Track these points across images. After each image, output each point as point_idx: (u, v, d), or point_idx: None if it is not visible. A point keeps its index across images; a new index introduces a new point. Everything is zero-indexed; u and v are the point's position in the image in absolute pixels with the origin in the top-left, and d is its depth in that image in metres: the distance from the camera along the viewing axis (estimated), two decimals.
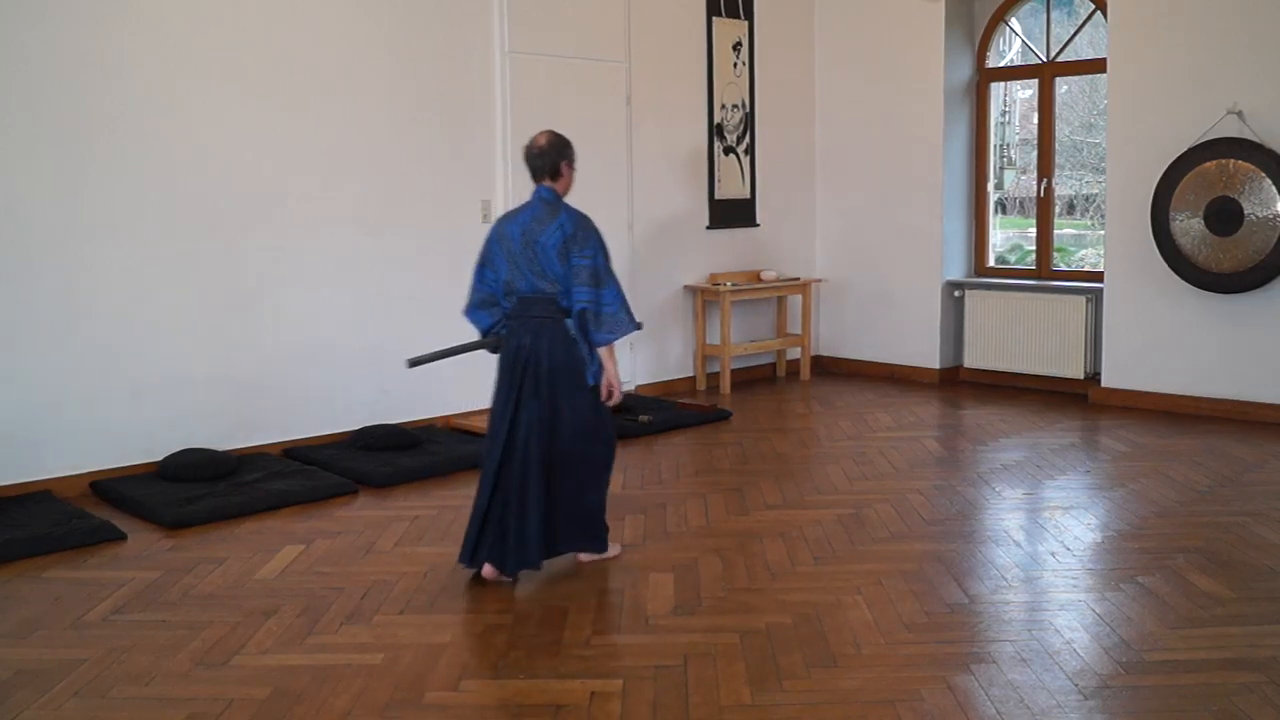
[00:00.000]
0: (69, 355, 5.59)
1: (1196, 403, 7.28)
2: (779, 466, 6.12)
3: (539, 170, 4.42)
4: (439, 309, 6.96)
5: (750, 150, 8.72)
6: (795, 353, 8.98)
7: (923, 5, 8.35)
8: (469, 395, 7.14)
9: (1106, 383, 7.67)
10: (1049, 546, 4.71)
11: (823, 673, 3.49)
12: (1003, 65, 8.74)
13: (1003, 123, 9.00)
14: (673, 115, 8.15)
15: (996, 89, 8.75)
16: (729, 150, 8.56)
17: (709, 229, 8.45)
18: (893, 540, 4.80)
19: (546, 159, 4.40)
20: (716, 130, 8.46)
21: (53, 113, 5.48)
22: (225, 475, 5.72)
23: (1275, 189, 6.80)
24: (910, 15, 8.46)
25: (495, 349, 4.53)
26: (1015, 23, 8.61)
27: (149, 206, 5.82)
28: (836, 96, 9.04)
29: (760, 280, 8.54)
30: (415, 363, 4.78)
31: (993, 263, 8.78)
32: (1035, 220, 8.48)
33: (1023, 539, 4.83)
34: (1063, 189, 8.65)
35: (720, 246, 8.53)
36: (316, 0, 6.37)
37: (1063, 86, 8.53)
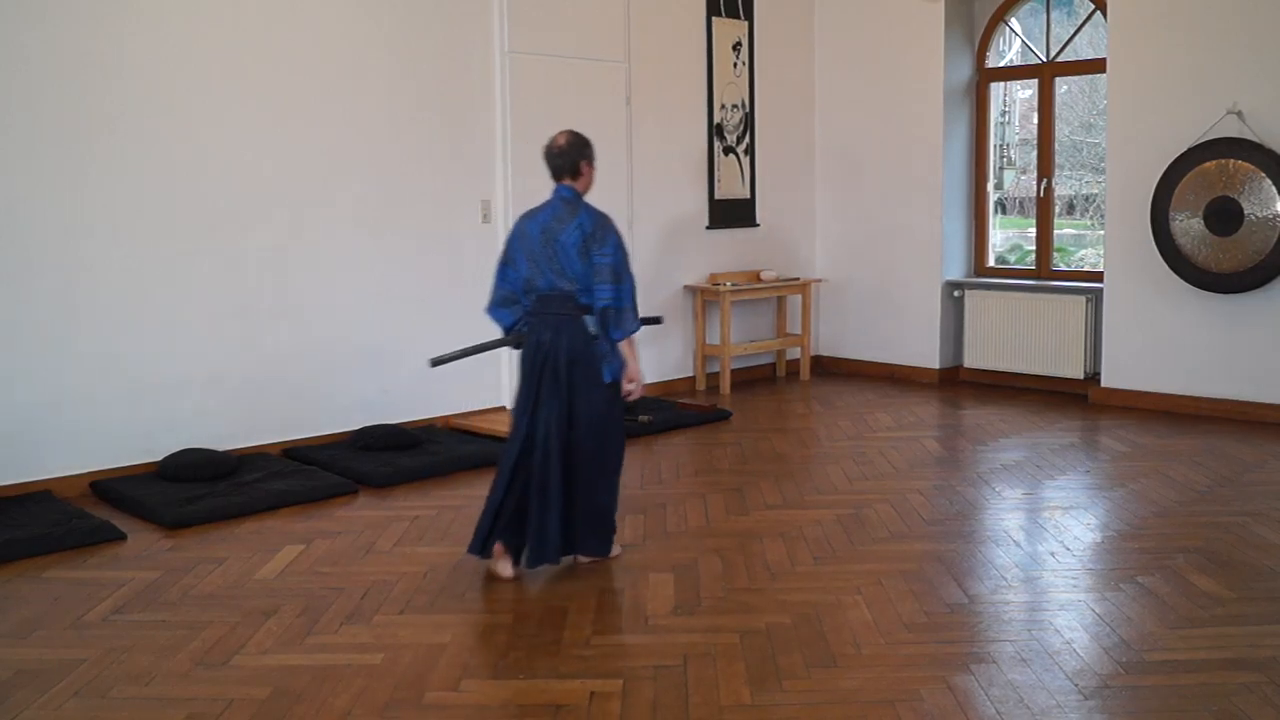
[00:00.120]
0: (69, 355, 5.60)
1: (1196, 403, 7.28)
2: (779, 466, 6.12)
3: (559, 169, 4.46)
4: (439, 309, 6.98)
5: (750, 150, 8.72)
6: (795, 353, 8.98)
7: (923, 5, 8.35)
8: (469, 395, 7.16)
9: (1106, 383, 7.67)
10: (1049, 546, 4.71)
11: (823, 673, 3.49)
12: (1003, 65, 8.74)
13: (1003, 123, 9.01)
14: (673, 115, 8.15)
15: (996, 89, 8.75)
16: (729, 150, 8.56)
17: (709, 229, 8.46)
18: (893, 540, 4.80)
19: (566, 158, 4.44)
20: (716, 130, 8.46)
21: (53, 113, 5.48)
22: (225, 475, 5.72)
23: (1275, 189, 6.80)
24: (910, 15, 8.46)
25: (517, 346, 4.59)
26: (1015, 23, 8.61)
27: (149, 206, 5.82)
28: (836, 96, 9.04)
29: (760, 280, 8.55)
30: (438, 362, 4.84)
31: (993, 263, 8.78)
32: (1035, 220, 8.48)
33: (1023, 539, 4.83)
34: (1062, 189, 8.66)
35: (720, 246, 8.53)
36: (316, 0, 6.37)
37: (1062, 86, 8.53)
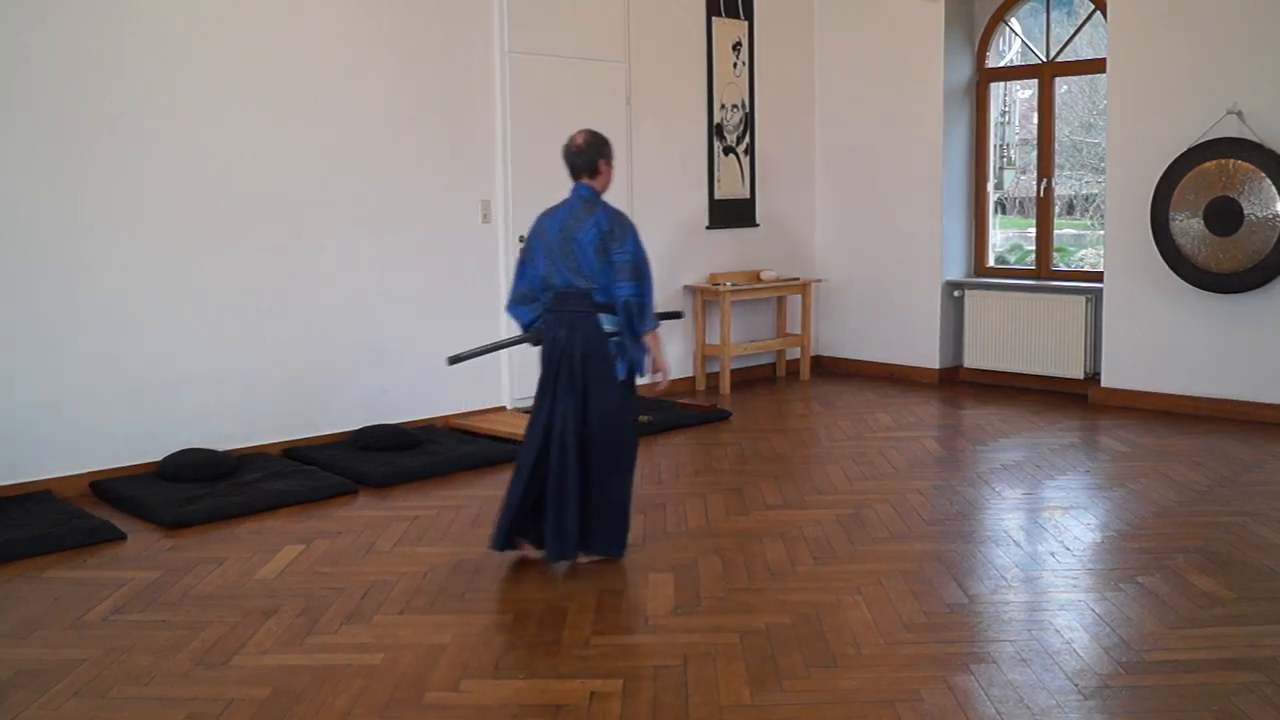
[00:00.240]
0: (69, 355, 5.59)
1: (1196, 403, 7.28)
2: (779, 466, 6.12)
3: (578, 168, 4.51)
4: (439, 309, 6.98)
5: (750, 150, 8.72)
6: (795, 353, 8.98)
7: (923, 5, 8.35)
8: (469, 395, 7.16)
9: (1106, 383, 7.67)
10: (1049, 546, 4.71)
11: (823, 673, 3.49)
12: (1002, 65, 8.74)
13: (1002, 123, 9.00)
14: (673, 115, 8.15)
15: (996, 89, 8.75)
16: (729, 150, 8.56)
17: (709, 229, 8.46)
18: (893, 540, 4.80)
19: (585, 157, 4.49)
20: (716, 130, 8.46)
21: (53, 113, 5.48)
22: (225, 475, 5.72)
23: (1275, 189, 6.80)
24: (910, 15, 8.46)
25: (537, 343, 4.64)
26: (1015, 23, 8.61)
27: (149, 206, 5.82)
28: (836, 96, 9.04)
29: (760, 280, 8.55)
30: (456, 360, 4.90)
31: (992, 263, 8.78)
32: (1035, 220, 8.48)
33: (1023, 539, 4.83)
34: (1062, 189, 8.66)
35: (720, 246, 8.53)
36: (316, 0, 6.37)
37: (1062, 86, 8.53)
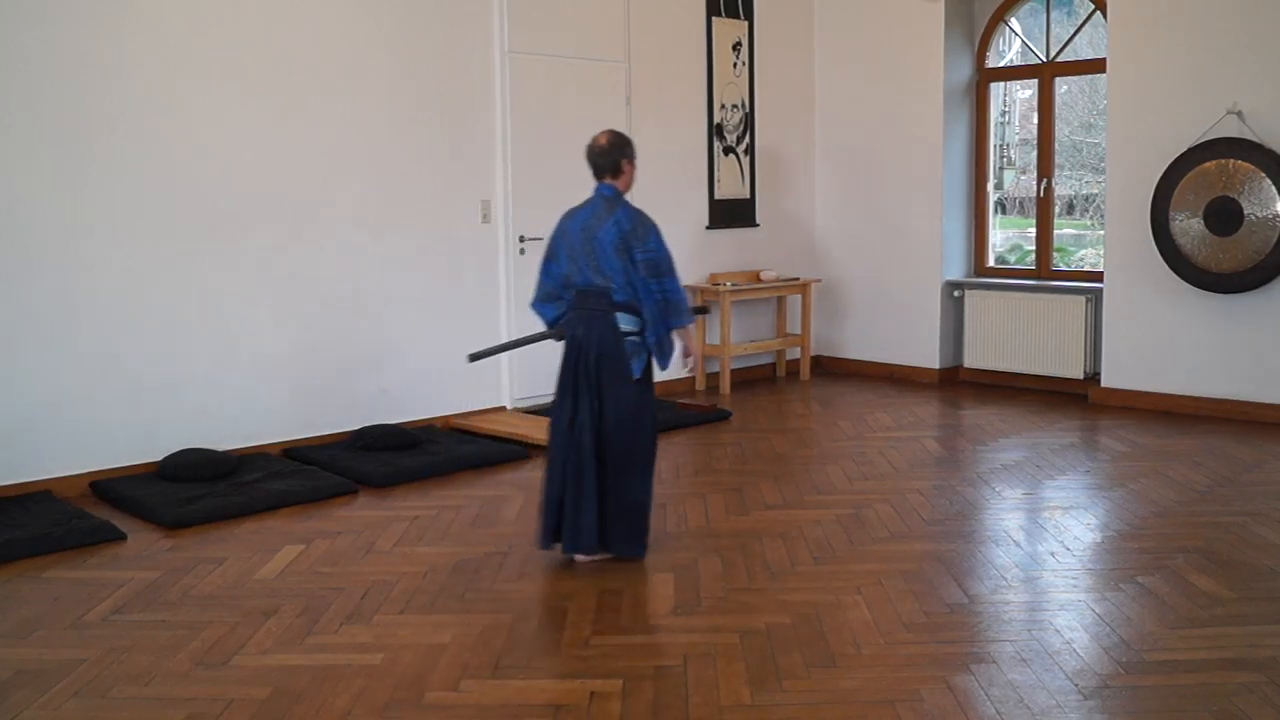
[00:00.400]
0: (69, 355, 5.59)
1: (1196, 403, 7.28)
2: (779, 466, 6.12)
3: (601, 168, 4.57)
4: (439, 309, 6.98)
5: (750, 150, 8.72)
6: (795, 353, 8.98)
7: (923, 5, 8.35)
8: (469, 395, 7.16)
9: (1106, 383, 7.67)
10: (1049, 546, 4.71)
11: (822, 673, 3.49)
12: (1002, 65, 8.74)
13: (1002, 123, 9.00)
14: (673, 115, 8.15)
15: (996, 89, 8.75)
16: (729, 150, 8.56)
17: (709, 229, 8.45)
18: (893, 540, 4.80)
19: (608, 157, 4.55)
20: (716, 130, 8.46)
21: (53, 113, 5.48)
22: (225, 475, 5.72)
23: (1275, 189, 6.80)
24: (910, 15, 8.46)
25: (560, 339, 4.69)
26: (1015, 23, 8.61)
27: (149, 206, 5.82)
28: (836, 96, 9.04)
29: (760, 280, 8.54)
30: (476, 357, 5.00)
31: (992, 263, 8.78)
32: (1035, 220, 8.48)
33: (1023, 539, 4.83)
34: (1062, 189, 8.65)
35: (720, 246, 8.53)
36: (316, 0, 6.37)
37: (1062, 86, 8.53)
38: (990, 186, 8.71)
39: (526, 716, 3.24)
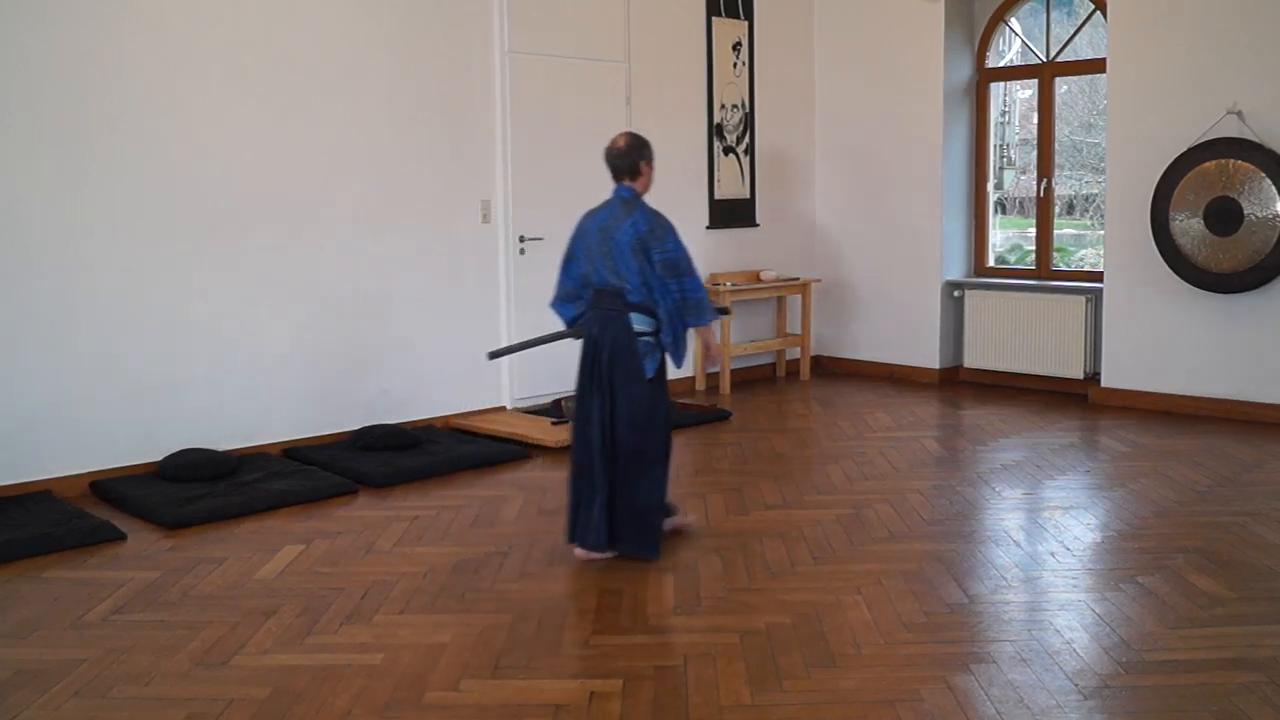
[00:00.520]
0: (69, 355, 5.59)
1: (1196, 403, 7.28)
2: (779, 466, 6.11)
3: (620, 170, 4.61)
4: (439, 309, 6.98)
5: (750, 150, 8.72)
6: (795, 353, 8.98)
7: (923, 5, 8.35)
8: (468, 395, 7.16)
9: (1106, 383, 7.67)
10: (1049, 546, 4.71)
11: (822, 673, 3.49)
12: (1002, 65, 8.74)
13: (1002, 123, 9.00)
14: (672, 115, 8.15)
15: (996, 89, 8.75)
16: (729, 150, 8.56)
17: (709, 229, 8.45)
18: (893, 540, 4.80)
19: (627, 159, 4.59)
20: (716, 130, 8.46)
21: (53, 113, 5.48)
22: (225, 475, 5.72)
23: (1275, 189, 6.80)
24: (910, 15, 8.46)
25: (579, 338, 4.75)
26: (1015, 23, 8.61)
27: (149, 206, 5.82)
28: (836, 96, 9.04)
29: (760, 280, 8.54)
30: (496, 354, 5.09)
31: (992, 263, 8.78)
32: (1035, 220, 8.48)
33: (1023, 539, 4.83)
34: (1062, 189, 8.65)
35: (720, 246, 8.53)
36: (316, 0, 6.37)
37: (1062, 86, 8.53)
38: (990, 186, 8.70)
39: (526, 716, 3.24)
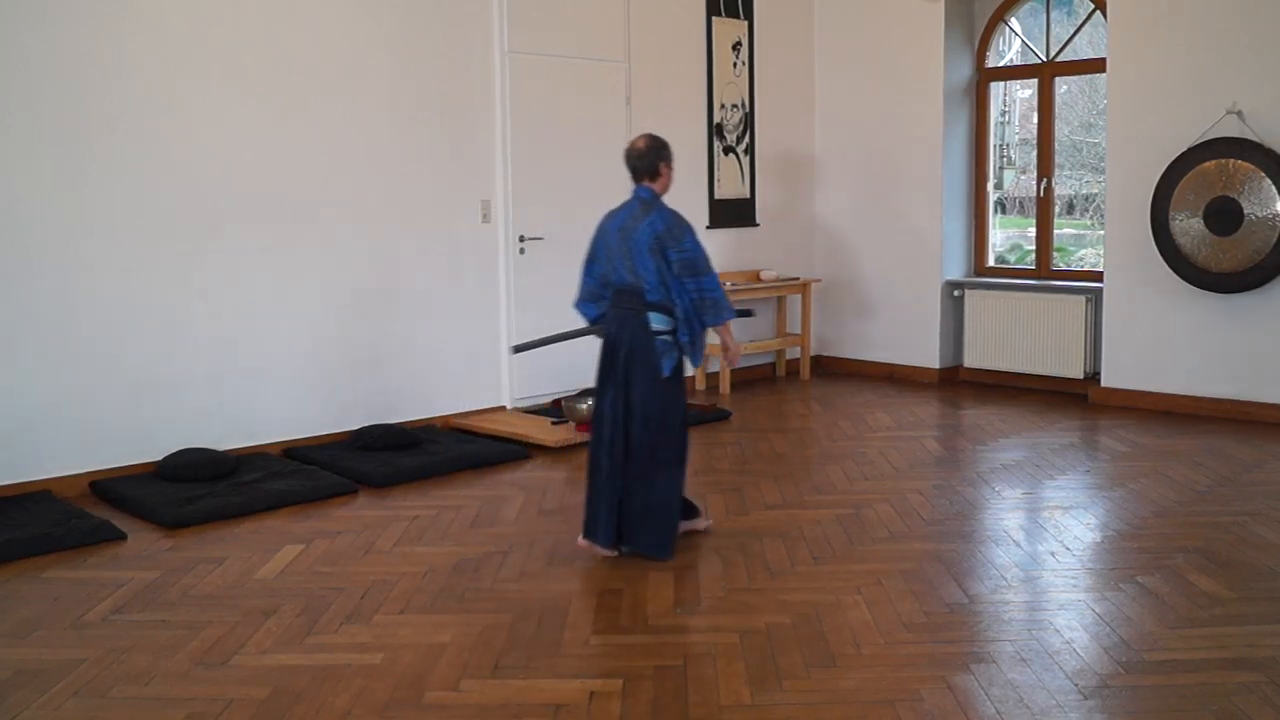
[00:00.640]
0: (69, 355, 5.59)
1: (1196, 403, 7.28)
2: (779, 466, 6.11)
3: (639, 171, 4.65)
4: (439, 309, 6.98)
5: (750, 150, 8.72)
6: (795, 352, 8.99)
7: (923, 5, 8.35)
8: (468, 395, 7.16)
9: (1106, 383, 7.67)
10: (1049, 546, 4.71)
11: (822, 673, 3.49)
12: (1002, 65, 8.74)
13: (1002, 122, 9.00)
14: (672, 115, 8.14)
15: (996, 89, 8.75)
16: (729, 150, 8.56)
17: (709, 229, 8.45)
18: (892, 540, 4.80)
19: (646, 160, 4.64)
20: (716, 130, 8.46)
21: (53, 113, 5.48)
22: (225, 475, 5.72)
23: (1275, 189, 6.80)
24: (910, 15, 8.46)
25: (602, 336, 4.78)
26: (1015, 23, 8.61)
27: (149, 206, 5.82)
28: (836, 97, 9.04)
29: (760, 280, 8.54)
30: (519, 349, 5.20)
31: (992, 262, 8.78)
32: (1035, 220, 8.48)
33: (1023, 539, 4.83)
34: (1062, 189, 8.65)
35: (720, 246, 8.52)
36: (316, 0, 6.37)
37: (1062, 86, 8.53)
38: (990, 186, 8.71)
39: (526, 716, 3.24)
